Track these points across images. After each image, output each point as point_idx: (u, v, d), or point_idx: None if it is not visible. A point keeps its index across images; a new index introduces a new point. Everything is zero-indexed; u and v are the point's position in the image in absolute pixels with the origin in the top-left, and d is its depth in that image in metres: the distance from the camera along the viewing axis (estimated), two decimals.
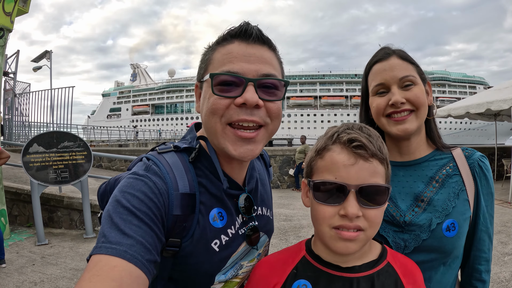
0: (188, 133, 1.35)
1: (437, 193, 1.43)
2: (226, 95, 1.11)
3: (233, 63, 1.12)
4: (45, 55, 19.31)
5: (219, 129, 1.13)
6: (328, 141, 1.14)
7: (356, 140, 1.08)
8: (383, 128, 1.50)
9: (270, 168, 1.66)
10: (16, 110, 17.72)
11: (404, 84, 1.43)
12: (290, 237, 7.33)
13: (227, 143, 1.13)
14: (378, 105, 1.47)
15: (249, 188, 1.35)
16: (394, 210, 1.44)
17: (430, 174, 1.48)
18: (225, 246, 1.22)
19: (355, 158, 1.07)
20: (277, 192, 14.26)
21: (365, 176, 1.07)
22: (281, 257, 1.27)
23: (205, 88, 1.18)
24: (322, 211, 1.11)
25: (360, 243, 1.09)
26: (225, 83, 1.11)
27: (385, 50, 1.52)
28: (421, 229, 1.38)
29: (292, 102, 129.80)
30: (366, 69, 1.58)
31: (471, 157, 1.49)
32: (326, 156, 1.13)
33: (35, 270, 5.59)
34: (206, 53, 1.22)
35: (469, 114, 14.14)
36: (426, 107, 1.47)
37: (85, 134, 32.81)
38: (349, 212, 1.04)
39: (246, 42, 1.15)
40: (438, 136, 1.55)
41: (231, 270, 1.25)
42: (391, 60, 1.47)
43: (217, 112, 1.12)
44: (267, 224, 1.44)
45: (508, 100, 11.06)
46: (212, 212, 1.20)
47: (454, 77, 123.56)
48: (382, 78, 1.46)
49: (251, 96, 1.09)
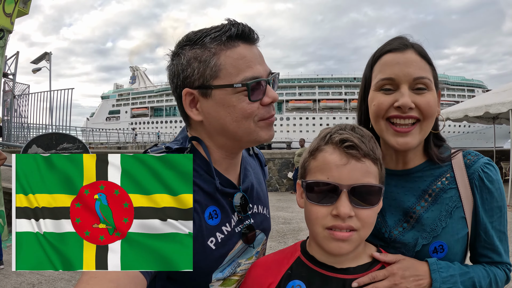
0: (179, 134, 1.37)
1: (428, 210, 1.29)
2: (258, 98, 1.19)
3: (252, 67, 1.18)
4: (44, 56, 19.35)
5: (253, 126, 1.20)
6: (321, 141, 1.15)
7: (348, 140, 1.08)
8: (380, 134, 1.31)
9: (265, 168, 1.67)
10: (15, 112, 17.74)
11: (417, 86, 1.22)
12: (289, 240, 7.32)
13: (259, 133, 1.22)
14: (380, 104, 1.26)
15: (244, 186, 1.37)
16: (380, 225, 1.35)
17: (423, 186, 1.32)
18: (221, 243, 1.23)
19: (347, 158, 1.08)
20: (276, 195, 14.22)
21: (358, 176, 1.07)
22: (276, 258, 1.27)
23: (225, 95, 1.17)
24: (315, 211, 1.11)
25: (353, 243, 1.09)
26: (254, 88, 1.18)
27: (401, 40, 1.30)
28: (406, 248, 1.29)
29: (291, 105, 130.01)
30: (373, 57, 1.35)
31: (472, 166, 1.30)
32: (318, 157, 1.14)
33: (33, 272, 5.55)
34: (203, 57, 1.17)
35: (467, 118, 14.16)
36: (434, 119, 1.28)
37: (84, 136, 32.82)
38: (341, 212, 1.04)
39: (249, 43, 1.21)
40: (434, 147, 1.36)
41: (228, 268, 1.26)
42: (408, 54, 1.25)
43: (252, 115, 1.19)
44: (264, 222, 1.45)
45: (506, 103, 11.09)
46: (207, 211, 1.22)
47: (452, 80, 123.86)
48: (392, 72, 1.24)
49: (274, 94, 1.23)
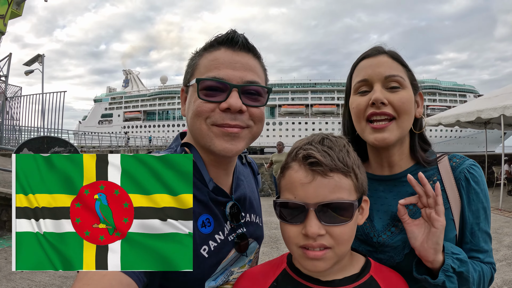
0: (173, 142, 1.38)
1: (416, 213, 1.31)
2: (211, 99, 1.16)
3: (219, 69, 1.17)
4: (37, 58, 19.16)
5: (205, 129, 1.18)
6: (289, 158, 1.13)
7: (311, 156, 1.05)
8: (362, 135, 1.37)
9: (258, 176, 1.68)
10: (7, 114, 17.54)
11: (390, 85, 1.30)
12: (281, 245, 7.30)
13: (213, 139, 1.18)
14: (358, 104, 1.34)
15: (237, 195, 1.37)
16: (369, 229, 1.37)
17: (411, 190, 1.31)
18: (214, 252, 1.23)
19: (312, 175, 1.04)
20: (268, 200, 14.05)
21: (325, 193, 1.03)
22: (262, 269, 1.26)
23: (191, 92, 1.23)
24: (287, 230, 1.10)
25: (329, 261, 1.06)
26: (210, 88, 1.17)
27: (376, 48, 1.38)
28: (395, 251, 1.31)
29: (284, 110, 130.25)
30: (352, 66, 1.44)
31: (458, 168, 1.35)
32: (286, 175, 1.12)
33: (23, 277, 5.49)
34: (193, 59, 1.27)
35: (459, 123, 14.30)
36: (411, 117, 1.33)
37: (76, 139, 32.57)
38: (309, 232, 1.02)
39: (232, 49, 1.20)
40: (421, 151, 1.41)
41: (221, 277, 1.26)
42: (380, 57, 1.34)
43: (202, 114, 1.17)
44: (257, 231, 1.45)
45: (498, 109, 11.23)
46: (201, 219, 1.22)
47: (444, 85, 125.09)
48: (366, 73, 1.33)
49: (235, 102, 1.15)
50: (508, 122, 13.58)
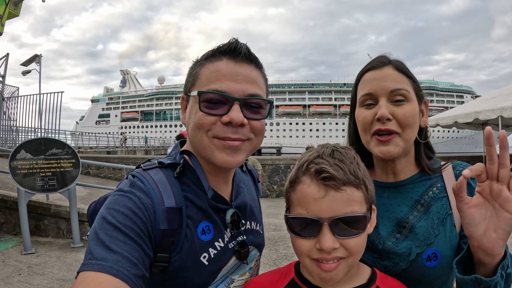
0: (173, 150, 1.38)
1: (420, 219, 1.32)
2: (213, 112, 1.16)
3: (221, 81, 1.16)
4: (34, 59, 19.10)
5: (206, 141, 1.18)
6: (299, 171, 1.12)
7: (324, 171, 1.04)
8: (367, 146, 1.39)
9: (258, 184, 1.67)
10: (4, 114, 17.47)
11: (395, 98, 1.30)
12: (280, 247, 7.28)
13: (214, 152, 1.17)
14: (364, 118, 1.35)
15: (237, 203, 1.36)
16: (374, 237, 1.36)
17: (416, 196, 1.35)
18: (214, 259, 1.22)
19: (326, 189, 1.03)
20: (266, 201, 14.22)
21: (338, 207, 1.03)
22: (270, 278, 1.26)
23: (192, 102, 1.22)
24: (299, 244, 1.09)
25: (342, 271, 1.06)
26: (212, 101, 1.16)
27: (380, 58, 1.39)
28: (400, 258, 1.30)
29: (281, 110, 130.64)
30: (357, 77, 1.44)
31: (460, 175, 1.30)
32: (297, 189, 1.10)
33: (21, 280, 5.46)
34: (194, 67, 1.26)
35: (457, 124, 14.36)
36: (414, 129, 1.33)
37: (73, 140, 32.52)
38: (323, 247, 1.01)
39: (234, 60, 1.19)
40: (426, 158, 1.41)
41: (222, 284, 1.26)
42: (385, 70, 1.34)
43: (203, 127, 1.17)
44: (257, 238, 1.44)
45: (495, 110, 11.29)
46: (200, 226, 1.21)
47: (441, 86, 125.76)
48: (371, 87, 1.34)
49: (237, 116, 1.14)
50: (505, 123, 13.65)
